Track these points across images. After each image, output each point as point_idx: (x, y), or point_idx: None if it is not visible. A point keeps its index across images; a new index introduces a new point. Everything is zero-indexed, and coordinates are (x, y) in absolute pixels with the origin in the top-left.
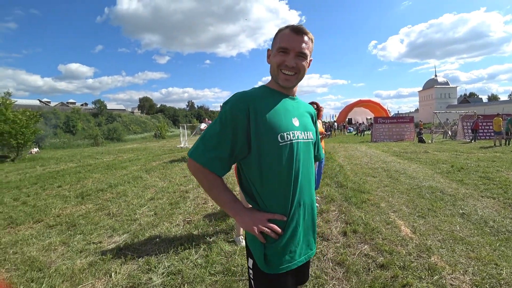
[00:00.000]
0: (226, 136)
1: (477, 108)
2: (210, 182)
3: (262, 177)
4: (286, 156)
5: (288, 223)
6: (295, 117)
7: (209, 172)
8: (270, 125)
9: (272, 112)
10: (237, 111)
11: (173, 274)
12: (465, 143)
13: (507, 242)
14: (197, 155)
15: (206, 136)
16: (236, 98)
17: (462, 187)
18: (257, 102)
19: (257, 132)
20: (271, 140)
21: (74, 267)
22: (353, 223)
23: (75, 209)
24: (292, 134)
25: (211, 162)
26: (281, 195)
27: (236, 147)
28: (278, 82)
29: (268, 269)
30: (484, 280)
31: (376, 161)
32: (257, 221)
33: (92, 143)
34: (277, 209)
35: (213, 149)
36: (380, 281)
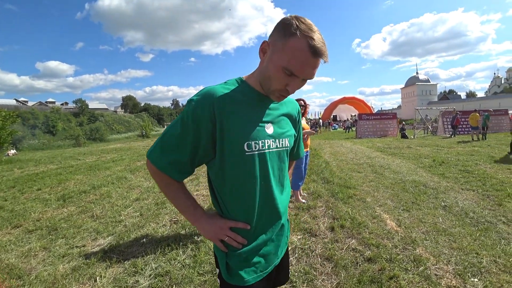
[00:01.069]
0: (187, 139)
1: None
2: (167, 186)
3: (225, 185)
4: (252, 167)
5: (252, 233)
6: (269, 122)
7: (166, 176)
8: (237, 131)
9: (241, 116)
10: (201, 112)
11: (160, 275)
12: (445, 138)
13: (486, 232)
14: (154, 157)
15: (165, 137)
16: (202, 97)
17: (443, 181)
18: (226, 102)
19: (222, 138)
20: (236, 148)
21: (56, 273)
22: (340, 218)
23: (56, 213)
24: (262, 144)
25: (168, 166)
26: (246, 205)
27: (198, 151)
28: (269, 95)
29: (231, 279)
30: (466, 269)
31: (361, 157)
32: (218, 229)
33: (73, 144)
34: (240, 217)
35: (171, 151)
36: (368, 274)
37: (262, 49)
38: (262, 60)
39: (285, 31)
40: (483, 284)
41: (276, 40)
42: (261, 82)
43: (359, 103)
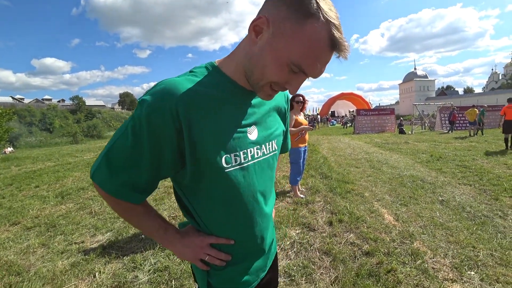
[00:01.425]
0: (142, 154)
1: (453, 100)
2: (125, 212)
3: (200, 202)
4: (234, 184)
5: (236, 248)
6: (252, 125)
7: (121, 201)
8: (211, 142)
9: (215, 121)
10: (159, 120)
11: (159, 270)
12: (443, 134)
13: (483, 226)
14: (100, 178)
15: (113, 151)
16: (159, 97)
17: (441, 175)
18: (194, 102)
19: (193, 151)
20: (212, 165)
21: (56, 269)
22: (338, 212)
23: (55, 209)
24: (244, 155)
25: (120, 190)
26: (227, 224)
27: (160, 168)
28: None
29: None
30: (463, 262)
31: (359, 152)
32: (196, 248)
33: (71, 141)
34: (222, 233)
35: (122, 171)
36: (366, 268)
37: (255, 26)
38: (253, 42)
39: (301, 8)
40: (480, 277)
41: (284, 19)
42: (248, 71)
43: (357, 98)
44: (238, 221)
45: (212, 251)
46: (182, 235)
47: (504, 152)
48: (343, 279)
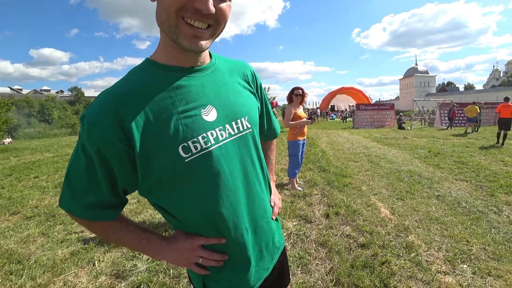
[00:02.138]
0: (97, 172)
1: (454, 96)
2: (102, 231)
3: (175, 206)
4: (201, 175)
5: (230, 249)
6: (207, 104)
7: (93, 222)
8: (163, 135)
9: (161, 112)
10: (101, 132)
11: (158, 260)
12: (442, 130)
13: (477, 221)
14: (67, 205)
15: (71, 175)
16: (97, 109)
17: (438, 171)
18: (134, 103)
19: (146, 152)
20: (170, 158)
21: (55, 258)
22: (335, 205)
23: (54, 200)
24: (204, 139)
25: (88, 212)
26: (210, 221)
27: (117, 183)
28: (178, 41)
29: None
30: (456, 256)
31: (358, 146)
32: (187, 252)
33: (70, 132)
34: (209, 233)
35: (84, 193)
36: (361, 259)
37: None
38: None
39: None
40: (472, 270)
41: None
42: (164, 29)
43: (357, 93)
44: (222, 214)
45: (204, 253)
46: (169, 241)
47: (496, 147)
48: (338, 270)
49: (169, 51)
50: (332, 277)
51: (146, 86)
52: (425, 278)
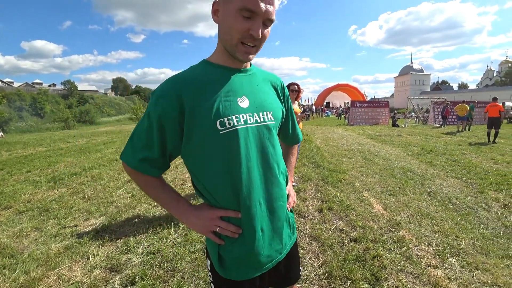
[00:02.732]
0: (154, 135)
1: (448, 95)
2: (145, 184)
3: (205, 171)
4: (229, 146)
5: (244, 222)
6: (242, 95)
7: (141, 174)
8: (207, 111)
9: (209, 95)
10: (165, 103)
11: (152, 253)
12: (435, 128)
13: (467, 217)
14: (126, 157)
15: (134, 135)
16: (164, 87)
17: (430, 168)
18: (192, 86)
19: (193, 121)
20: (209, 129)
21: (49, 252)
22: (328, 201)
23: (47, 194)
24: (237, 119)
25: (141, 165)
26: (230, 191)
27: (167, 146)
28: (235, 55)
29: (225, 273)
30: (446, 250)
31: (352, 143)
32: (207, 220)
33: (62, 126)
34: (229, 205)
35: (141, 149)
36: (353, 253)
37: (214, 11)
38: (216, 21)
39: None
40: (460, 264)
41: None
42: (224, 44)
43: (352, 90)
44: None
45: (222, 223)
46: (195, 208)
47: (487, 145)
48: (331, 263)
49: (222, 56)
50: (325, 270)
51: (201, 76)
52: (415, 271)
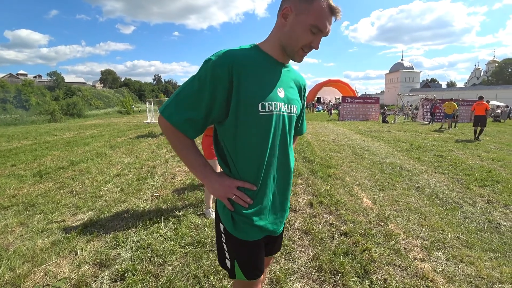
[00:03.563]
0: (203, 97)
1: (436, 93)
2: (181, 143)
3: (237, 144)
4: (263, 127)
5: (258, 194)
6: (281, 87)
7: (179, 133)
8: (252, 91)
9: (256, 78)
10: (220, 71)
11: (142, 248)
12: (424, 125)
13: (453, 211)
14: (168, 113)
15: (181, 94)
16: (220, 55)
17: (418, 164)
18: (243, 64)
19: (238, 96)
20: (251, 107)
21: (36, 248)
22: (319, 195)
23: (33, 189)
24: (274, 105)
25: (182, 124)
26: (254, 166)
27: (213, 110)
28: (293, 58)
29: (237, 233)
30: (432, 244)
31: (342, 138)
32: (226, 187)
33: (49, 119)
34: (248, 178)
35: (186, 109)
36: (343, 247)
37: (283, 14)
38: (283, 24)
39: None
40: (446, 257)
41: (299, 3)
42: (285, 45)
43: (343, 86)
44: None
45: (238, 192)
46: (218, 175)
47: (473, 142)
48: (321, 257)
49: (275, 50)
50: (315, 264)
51: (252, 57)
52: (403, 264)
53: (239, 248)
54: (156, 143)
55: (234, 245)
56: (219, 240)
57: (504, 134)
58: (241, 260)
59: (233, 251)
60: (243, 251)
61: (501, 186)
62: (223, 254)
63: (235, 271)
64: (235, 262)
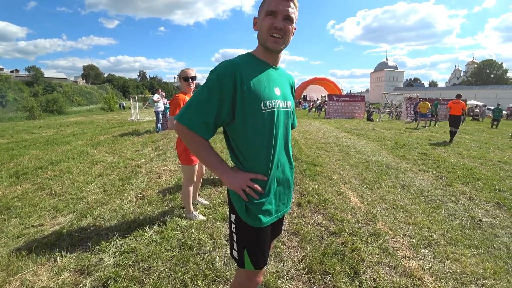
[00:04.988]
0: (213, 103)
1: (419, 92)
2: (200, 145)
3: (247, 141)
4: (267, 122)
5: (268, 183)
6: (276, 86)
7: (198, 136)
8: (255, 93)
9: (256, 81)
10: (224, 78)
11: (126, 252)
12: (408, 123)
13: (438, 209)
14: (185, 119)
15: (194, 102)
16: (224, 66)
17: (403, 162)
18: (243, 70)
19: (243, 99)
20: (255, 107)
21: (11, 255)
22: (307, 194)
23: (9, 191)
24: (274, 103)
25: (199, 127)
26: (263, 158)
27: (221, 113)
28: (266, 45)
29: (250, 221)
30: (419, 242)
31: (329, 136)
32: (241, 180)
33: (27, 116)
34: (259, 170)
35: (202, 115)
36: (332, 247)
37: (254, 23)
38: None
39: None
40: (432, 254)
41: (259, 9)
42: (261, 41)
43: (329, 84)
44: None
45: (251, 184)
46: (233, 170)
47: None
48: (310, 258)
49: (262, 54)
50: (305, 265)
51: (249, 63)
52: (391, 263)
53: (250, 236)
54: (141, 141)
55: (246, 233)
56: (230, 230)
57: (483, 133)
58: (251, 248)
59: (243, 240)
60: (254, 239)
61: (482, 184)
62: (232, 244)
63: (244, 260)
64: (244, 251)
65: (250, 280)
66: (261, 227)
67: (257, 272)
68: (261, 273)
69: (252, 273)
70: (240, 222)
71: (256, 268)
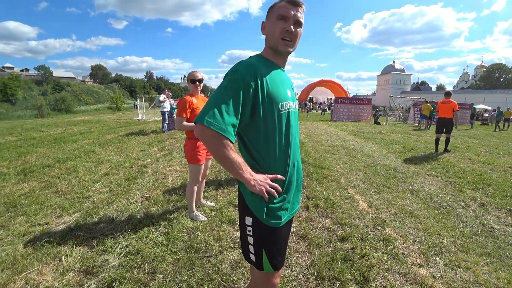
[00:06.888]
0: (238, 104)
1: (427, 95)
2: (225, 147)
3: (267, 140)
4: (284, 123)
5: (286, 182)
6: (287, 88)
7: (224, 138)
8: (273, 93)
9: (273, 82)
10: (248, 79)
11: (131, 254)
12: (415, 127)
13: (448, 215)
14: (213, 121)
15: (218, 103)
16: (245, 66)
17: (412, 166)
18: (263, 71)
19: (263, 99)
20: (274, 108)
21: (16, 253)
22: (314, 197)
23: (16, 188)
24: (287, 104)
25: (228, 129)
26: (282, 157)
27: (244, 114)
28: (277, 48)
29: (271, 222)
30: (430, 249)
31: (336, 139)
32: (263, 182)
33: (36, 115)
34: (278, 170)
35: (227, 116)
36: (341, 252)
37: (262, 28)
38: (265, 34)
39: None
40: (444, 262)
41: (267, 14)
42: (271, 45)
43: (336, 86)
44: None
45: (272, 185)
46: (254, 173)
47: (463, 145)
48: (319, 263)
49: (271, 56)
50: (313, 271)
51: (265, 65)
52: (402, 270)
53: (270, 237)
54: (147, 141)
55: (265, 235)
56: (244, 234)
57: (492, 138)
58: (270, 250)
59: (262, 242)
60: (273, 239)
61: (493, 189)
62: (247, 248)
63: (263, 263)
64: (263, 254)
65: (268, 282)
66: (280, 226)
67: (274, 274)
68: (278, 275)
69: (270, 275)
70: (258, 224)
71: (275, 270)
